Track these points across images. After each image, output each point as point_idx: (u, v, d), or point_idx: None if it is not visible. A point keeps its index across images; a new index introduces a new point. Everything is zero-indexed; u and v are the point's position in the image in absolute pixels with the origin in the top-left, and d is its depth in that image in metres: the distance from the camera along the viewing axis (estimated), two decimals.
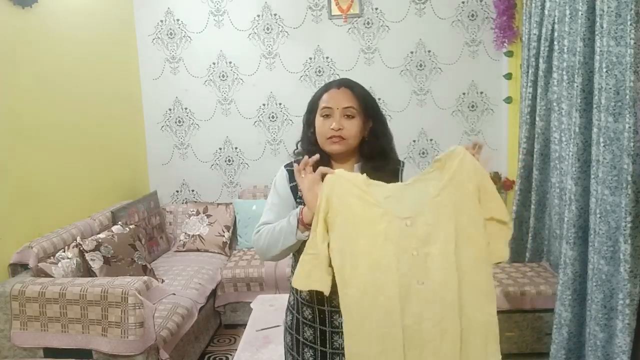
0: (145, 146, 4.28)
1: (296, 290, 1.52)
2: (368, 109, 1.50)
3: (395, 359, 1.28)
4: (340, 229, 1.31)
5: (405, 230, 1.30)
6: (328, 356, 1.51)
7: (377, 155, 1.51)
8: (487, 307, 1.34)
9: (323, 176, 1.35)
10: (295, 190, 1.52)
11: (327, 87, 1.52)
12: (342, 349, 1.37)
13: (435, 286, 1.29)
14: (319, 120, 1.49)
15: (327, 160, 1.52)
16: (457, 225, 1.30)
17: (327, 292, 1.33)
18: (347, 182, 1.33)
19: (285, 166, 1.58)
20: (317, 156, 1.40)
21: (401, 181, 1.51)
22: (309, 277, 1.33)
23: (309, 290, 1.48)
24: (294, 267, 1.57)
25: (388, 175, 1.47)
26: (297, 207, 1.49)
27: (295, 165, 1.40)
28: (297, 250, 1.45)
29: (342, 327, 1.35)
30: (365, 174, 1.36)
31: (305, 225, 1.37)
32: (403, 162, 1.58)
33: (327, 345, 1.50)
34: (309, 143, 1.54)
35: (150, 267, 3.14)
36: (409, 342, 1.29)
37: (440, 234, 1.30)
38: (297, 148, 1.60)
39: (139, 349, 2.32)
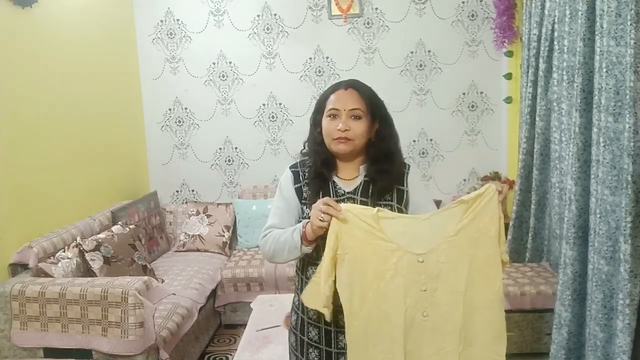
0: (145, 146, 4.28)
1: (301, 290, 1.52)
2: (375, 110, 1.50)
3: None
4: (349, 265, 1.33)
5: (416, 267, 1.33)
6: (333, 356, 1.51)
7: (382, 157, 1.51)
8: (496, 346, 1.36)
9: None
10: (300, 191, 1.54)
11: (334, 88, 1.53)
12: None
13: (438, 319, 1.32)
14: (325, 121, 1.50)
15: (332, 160, 1.53)
16: (473, 263, 1.33)
17: (328, 318, 1.38)
18: (356, 217, 1.34)
19: (290, 167, 1.60)
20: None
21: (406, 185, 1.52)
22: (315, 298, 1.37)
23: None
24: (298, 267, 1.57)
25: (393, 179, 1.49)
26: (301, 208, 1.51)
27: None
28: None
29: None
30: (376, 209, 1.37)
31: (308, 241, 1.39)
32: (409, 165, 1.59)
33: (332, 345, 1.51)
34: (315, 143, 1.55)
35: (150, 267, 3.14)
36: None
37: (451, 273, 1.33)
38: (304, 148, 1.61)
39: (139, 349, 2.32)
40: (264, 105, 4.17)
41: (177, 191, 4.32)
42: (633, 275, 2.10)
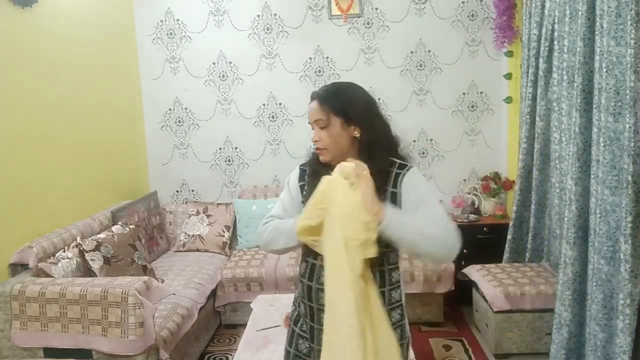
0: (145, 146, 4.28)
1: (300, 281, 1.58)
2: (344, 112, 1.49)
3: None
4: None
5: None
6: (315, 332, 1.53)
7: (365, 157, 1.49)
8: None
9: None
10: (302, 188, 1.59)
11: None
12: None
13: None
14: None
15: (328, 168, 1.53)
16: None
17: (318, 249, 1.43)
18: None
19: (300, 165, 1.66)
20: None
21: (398, 187, 1.47)
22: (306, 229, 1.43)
23: (302, 287, 1.56)
24: (302, 267, 1.59)
25: (376, 179, 1.44)
26: (302, 204, 1.54)
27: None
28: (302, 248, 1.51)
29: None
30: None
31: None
32: (409, 166, 1.51)
33: (315, 342, 1.53)
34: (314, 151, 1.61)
35: (150, 267, 3.14)
36: None
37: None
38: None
39: (139, 349, 2.32)
40: (264, 105, 4.17)
41: (177, 191, 4.32)
42: (633, 275, 2.10)
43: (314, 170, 1.57)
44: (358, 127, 1.50)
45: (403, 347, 1.55)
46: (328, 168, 1.53)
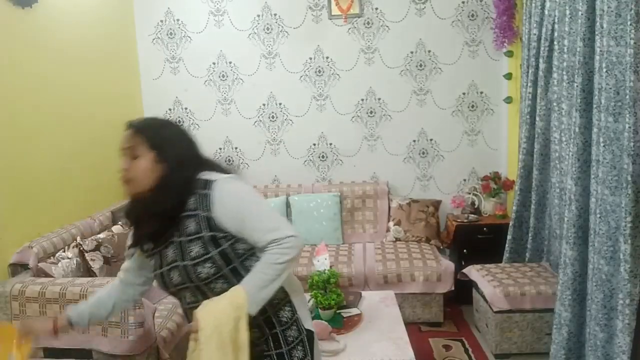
0: None
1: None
2: (157, 145, 1.41)
3: None
4: None
5: None
6: None
7: (165, 192, 1.40)
8: None
9: None
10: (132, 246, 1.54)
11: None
12: None
13: None
14: None
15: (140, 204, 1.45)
16: None
17: None
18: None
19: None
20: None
21: (208, 209, 1.37)
22: None
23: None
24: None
25: (157, 216, 1.40)
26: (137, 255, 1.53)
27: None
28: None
29: None
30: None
31: None
32: (212, 181, 1.41)
33: None
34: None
35: None
36: None
37: None
38: None
39: (139, 349, 2.32)
40: (264, 105, 4.17)
41: None
42: (633, 275, 2.10)
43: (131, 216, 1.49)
44: (167, 163, 1.42)
45: (303, 342, 1.50)
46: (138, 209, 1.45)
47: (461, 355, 3.06)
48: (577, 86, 2.49)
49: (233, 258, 1.40)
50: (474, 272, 3.25)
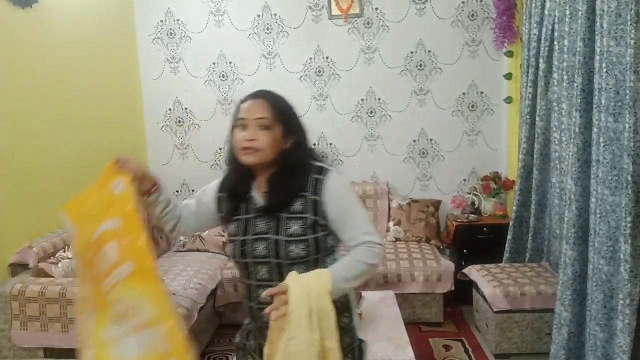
0: (145, 146, 4.27)
1: None
2: (286, 120, 1.46)
3: None
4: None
5: None
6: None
7: (289, 168, 1.45)
8: None
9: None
10: (219, 201, 1.57)
11: (246, 98, 1.50)
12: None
13: None
14: (235, 131, 1.48)
15: (247, 172, 1.50)
16: None
17: None
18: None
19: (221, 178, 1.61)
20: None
21: (321, 195, 1.42)
22: None
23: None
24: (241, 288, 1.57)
25: (289, 191, 1.43)
26: (219, 218, 1.57)
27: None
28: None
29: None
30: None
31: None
32: (327, 169, 1.46)
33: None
34: (231, 158, 1.53)
35: None
36: None
37: None
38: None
39: None
40: None
41: (177, 191, 4.32)
42: (633, 275, 2.10)
43: (232, 192, 1.52)
44: (291, 139, 1.46)
45: (354, 351, 1.50)
46: (248, 183, 1.49)
47: (461, 355, 3.06)
48: (577, 86, 2.49)
49: (321, 249, 1.43)
50: (474, 272, 3.25)
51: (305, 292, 1.31)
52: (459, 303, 3.63)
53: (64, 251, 2.71)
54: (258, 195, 1.50)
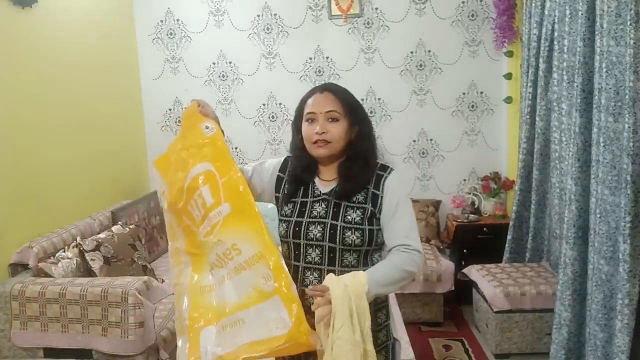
0: (145, 146, 4.27)
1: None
2: (352, 112, 1.51)
3: None
4: None
5: None
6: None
7: (359, 158, 1.51)
8: None
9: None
10: (280, 180, 1.61)
11: (311, 92, 1.55)
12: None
13: None
14: (304, 125, 1.53)
15: (314, 163, 1.55)
16: None
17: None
18: None
19: (286, 157, 1.67)
20: None
21: (381, 190, 1.49)
22: None
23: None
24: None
25: (358, 182, 1.48)
26: (275, 196, 1.60)
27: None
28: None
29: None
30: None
31: None
32: (390, 168, 1.53)
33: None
34: (297, 148, 1.59)
35: (150, 267, 3.14)
36: None
37: None
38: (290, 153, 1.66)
39: (139, 349, 2.32)
40: (264, 105, 4.17)
41: None
42: (632, 275, 2.11)
43: (297, 178, 1.56)
44: (359, 127, 1.52)
45: (388, 348, 1.53)
46: (312, 172, 1.54)
47: (461, 355, 3.06)
48: (577, 86, 2.49)
49: (374, 242, 1.47)
50: (474, 272, 3.25)
51: (346, 292, 1.34)
52: (459, 303, 3.63)
53: (64, 251, 2.71)
54: (320, 182, 1.55)
